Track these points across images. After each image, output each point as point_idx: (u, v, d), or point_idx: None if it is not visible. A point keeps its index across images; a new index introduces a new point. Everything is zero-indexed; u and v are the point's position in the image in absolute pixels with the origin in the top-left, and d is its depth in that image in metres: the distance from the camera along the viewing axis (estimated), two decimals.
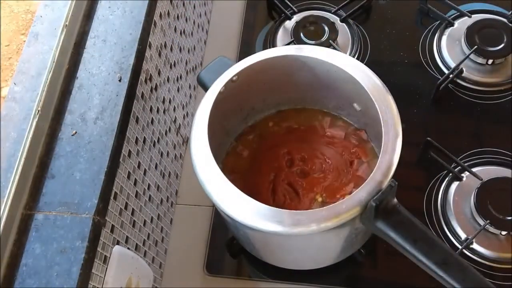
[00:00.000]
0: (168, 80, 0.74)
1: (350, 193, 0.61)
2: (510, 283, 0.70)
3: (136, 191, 0.64)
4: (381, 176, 0.51)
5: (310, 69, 0.61)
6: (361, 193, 0.50)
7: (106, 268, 0.54)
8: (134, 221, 0.63)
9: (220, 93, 0.58)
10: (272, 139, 0.68)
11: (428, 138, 0.77)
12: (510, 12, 0.89)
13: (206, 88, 0.60)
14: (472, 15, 0.89)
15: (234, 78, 0.59)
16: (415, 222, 0.48)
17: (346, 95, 0.63)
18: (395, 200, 0.51)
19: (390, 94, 0.57)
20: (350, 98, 0.63)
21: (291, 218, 0.50)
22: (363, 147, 0.66)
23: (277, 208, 0.50)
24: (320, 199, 0.63)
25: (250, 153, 0.68)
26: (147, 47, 0.64)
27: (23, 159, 0.53)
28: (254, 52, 0.62)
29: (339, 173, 0.64)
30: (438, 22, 0.91)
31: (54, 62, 0.59)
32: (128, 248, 0.61)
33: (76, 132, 0.56)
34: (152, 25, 0.66)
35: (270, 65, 0.61)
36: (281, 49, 0.62)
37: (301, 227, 0.50)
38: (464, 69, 0.85)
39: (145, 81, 0.65)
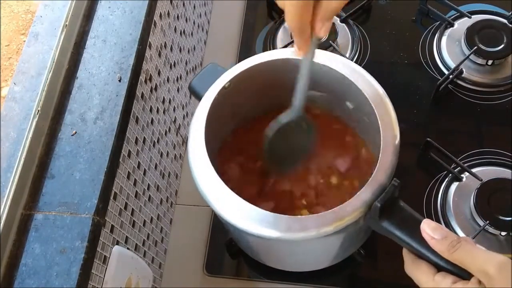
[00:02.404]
0: (168, 80, 0.74)
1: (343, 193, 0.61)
2: None
3: (136, 191, 0.64)
4: (383, 176, 0.51)
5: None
6: (365, 194, 0.50)
7: (106, 268, 0.54)
8: (134, 221, 0.63)
9: (213, 100, 0.58)
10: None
11: (428, 139, 0.77)
12: (510, 13, 0.89)
13: (197, 96, 0.60)
14: (472, 16, 0.89)
15: (226, 85, 0.59)
16: (420, 219, 0.49)
17: (339, 95, 0.63)
18: (399, 198, 0.51)
19: (386, 94, 0.57)
20: (343, 97, 0.63)
21: (296, 223, 0.50)
22: (357, 147, 0.66)
23: (280, 214, 0.50)
24: (305, 203, 0.63)
25: (245, 156, 0.67)
26: (147, 47, 0.64)
27: (23, 159, 0.53)
28: (254, 53, 0.62)
29: (332, 173, 0.64)
30: (438, 22, 0.91)
31: (54, 62, 0.59)
32: (128, 248, 0.61)
33: (76, 132, 0.56)
34: (152, 25, 0.66)
35: (262, 69, 0.61)
36: (273, 53, 0.62)
37: (305, 233, 0.49)
38: (464, 70, 0.85)
39: (145, 81, 0.65)
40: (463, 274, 0.45)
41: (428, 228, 0.46)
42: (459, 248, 0.44)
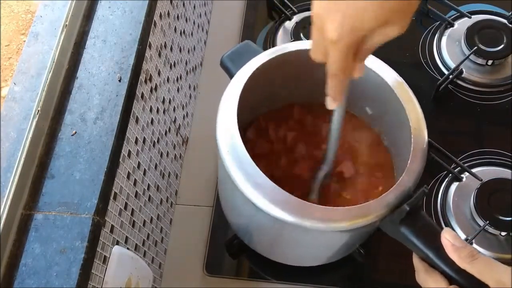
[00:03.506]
0: (168, 80, 0.74)
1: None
2: None
3: (136, 191, 0.64)
4: (409, 181, 0.51)
5: None
6: (389, 196, 0.50)
7: (106, 268, 0.54)
8: (134, 221, 0.63)
9: (247, 79, 0.57)
10: (288, 129, 0.68)
11: (428, 139, 0.77)
12: (510, 13, 0.89)
13: (229, 72, 0.59)
14: (472, 16, 0.89)
15: (260, 66, 0.58)
16: (438, 230, 0.49)
17: (365, 96, 0.62)
18: (421, 207, 0.51)
19: (416, 99, 0.56)
20: (363, 100, 0.62)
21: (320, 213, 0.50)
22: (376, 149, 0.66)
23: (306, 202, 0.50)
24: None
25: (267, 143, 0.67)
26: (147, 47, 0.64)
27: (23, 159, 0.53)
28: None
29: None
30: (438, 22, 0.91)
31: (54, 62, 0.59)
32: (128, 248, 0.61)
33: (76, 132, 0.56)
34: (152, 25, 0.66)
35: (294, 57, 0.60)
36: (307, 43, 0.61)
37: (330, 223, 0.49)
38: (464, 70, 0.85)
39: (145, 81, 0.65)
40: None
41: (449, 236, 0.46)
42: (478, 258, 0.45)
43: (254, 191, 0.51)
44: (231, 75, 0.59)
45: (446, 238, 0.46)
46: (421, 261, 0.49)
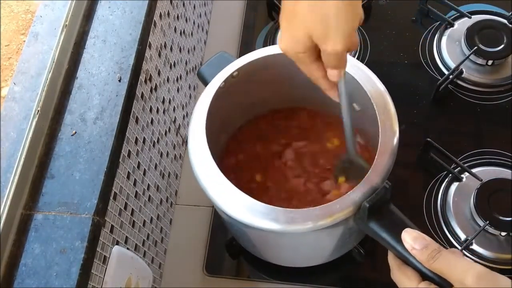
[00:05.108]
0: (168, 80, 0.74)
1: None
2: None
3: (136, 191, 0.64)
4: (376, 178, 0.51)
5: None
6: (356, 194, 0.50)
7: (106, 268, 0.54)
8: (134, 221, 0.63)
9: (219, 88, 0.58)
10: (269, 136, 0.68)
11: (428, 139, 0.77)
12: (510, 13, 0.89)
13: (206, 83, 0.60)
14: (472, 16, 0.89)
15: (235, 74, 0.59)
16: (408, 224, 0.48)
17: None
18: (389, 201, 0.51)
19: (389, 95, 0.57)
20: (350, 98, 0.63)
21: (286, 216, 0.50)
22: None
23: (272, 206, 0.50)
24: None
25: (247, 150, 0.67)
26: (147, 47, 0.64)
27: (22, 159, 0.53)
28: None
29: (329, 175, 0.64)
30: (438, 23, 0.91)
31: (54, 62, 0.59)
32: (128, 248, 0.61)
33: (75, 132, 0.56)
34: (152, 25, 0.66)
35: (270, 62, 0.60)
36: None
37: (295, 225, 0.50)
38: (464, 70, 0.85)
39: (145, 81, 0.65)
40: (445, 284, 0.44)
41: (409, 237, 0.46)
42: (438, 258, 0.44)
43: (222, 199, 0.52)
44: (206, 85, 0.60)
45: (406, 241, 0.46)
46: (395, 258, 0.49)
